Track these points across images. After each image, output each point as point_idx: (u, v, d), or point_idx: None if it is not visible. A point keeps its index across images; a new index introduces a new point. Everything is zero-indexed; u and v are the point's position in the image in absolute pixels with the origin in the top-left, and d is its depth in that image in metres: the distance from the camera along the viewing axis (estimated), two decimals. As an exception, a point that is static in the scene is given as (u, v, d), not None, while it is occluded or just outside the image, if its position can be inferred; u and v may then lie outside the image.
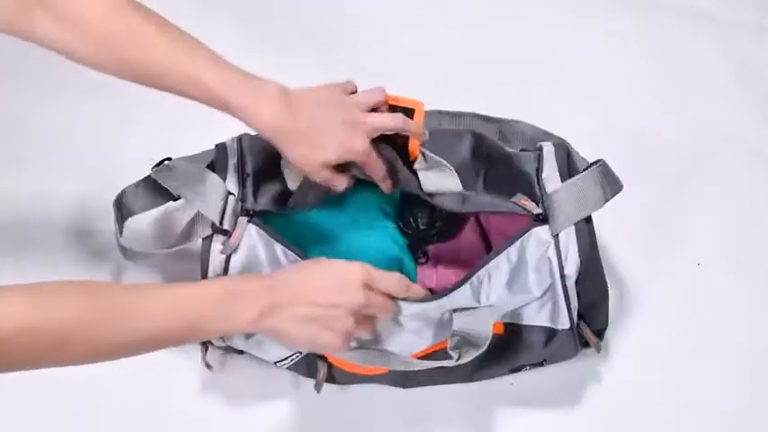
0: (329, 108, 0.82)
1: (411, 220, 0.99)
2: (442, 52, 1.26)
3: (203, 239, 0.87)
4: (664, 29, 1.30)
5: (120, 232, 0.94)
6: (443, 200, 0.87)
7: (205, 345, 0.91)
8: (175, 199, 0.95)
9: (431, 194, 0.88)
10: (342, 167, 0.85)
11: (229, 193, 0.88)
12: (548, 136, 0.99)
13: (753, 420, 0.94)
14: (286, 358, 0.88)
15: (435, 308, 0.83)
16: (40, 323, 0.64)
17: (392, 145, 0.87)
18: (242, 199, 0.88)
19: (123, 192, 0.95)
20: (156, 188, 0.93)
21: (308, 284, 0.77)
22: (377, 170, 0.85)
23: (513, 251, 0.83)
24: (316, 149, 0.81)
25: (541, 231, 0.83)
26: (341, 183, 0.85)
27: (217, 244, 0.86)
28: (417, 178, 0.88)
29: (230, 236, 0.86)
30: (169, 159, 0.94)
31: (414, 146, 0.86)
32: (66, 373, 0.70)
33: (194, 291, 0.74)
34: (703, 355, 0.98)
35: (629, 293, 1.01)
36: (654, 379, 0.96)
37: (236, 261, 0.85)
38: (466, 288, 0.83)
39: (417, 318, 0.84)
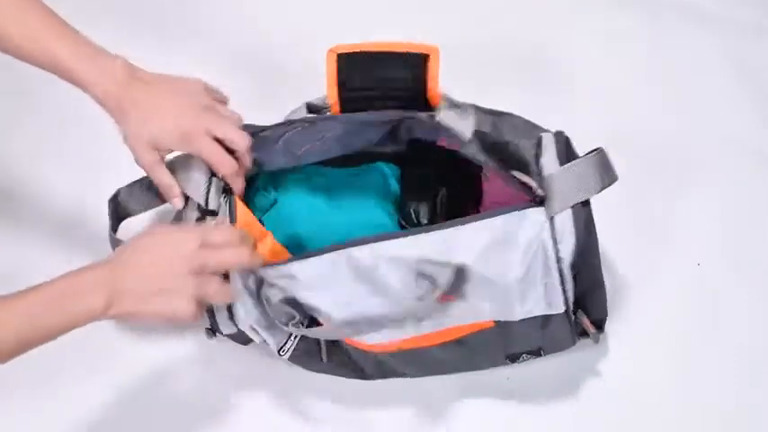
0: (179, 93, 0.84)
1: (412, 215, 0.99)
2: (442, 51, 1.25)
3: (195, 222, 0.86)
4: (664, 28, 1.29)
5: (115, 230, 0.93)
6: (451, 142, 0.85)
7: (213, 332, 0.90)
8: None
9: (443, 127, 0.86)
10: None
11: (213, 175, 0.87)
12: (537, 129, 0.99)
13: (753, 420, 0.94)
14: (285, 343, 0.87)
15: (408, 245, 0.80)
16: None
17: (411, 96, 0.84)
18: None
19: (118, 191, 0.94)
20: (150, 188, 0.92)
21: (146, 259, 0.77)
22: (222, 164, 0.84)
23: (498, 224, 0.81)
24: (146, 126, 0.82)
25: (536, 213, 0.81)
26: (161, 175, 0.85)
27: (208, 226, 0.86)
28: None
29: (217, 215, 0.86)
30: None
31: (433, 93, 0.84)
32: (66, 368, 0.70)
33: (36, 298, 0.74)
34: (703, 356, 0.98)
35: (629, 294, 1.01)
36: (653, 379, 0.96)
37: None
38: (437, 238, 0.80)
39: (395, 263, 0.81)
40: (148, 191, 0.93)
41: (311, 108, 0.91)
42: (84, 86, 0.83)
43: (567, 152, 0.87)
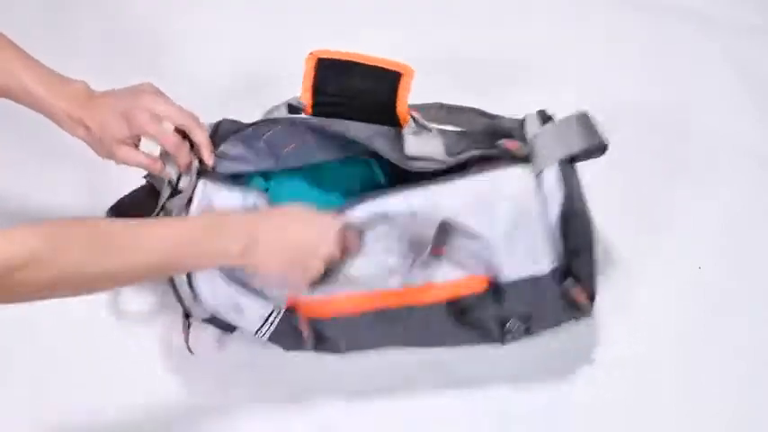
0: (126, 90, 0.90)
1: None
2: (443, 52, 1.26)
3: (165, 201, 0.89)
4: (665, 30, 1.29)
5: None
6: (425, 165, 0.86)
7: (188, 320, 0.91)
8: None
9: (412, 158, 0.87)
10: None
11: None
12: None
13: (755, 424, 0.93)
14: (263, 324, 0.88)
15: (395, 204, 0.84)
16: (45, 255, 0.68)
17: (380, 111, 0.85)
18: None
19: (121, 201, 0.95)
20: (152, 193, 0.93)
21: (291, 226, 0.82)
22: (164, 140, 0.89)
23: (484, 181, 0.83)
24: (102, 126, 0.88)
25: (521, 169, 0.82)
26: (135, 156, 0.90)
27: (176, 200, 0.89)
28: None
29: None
30: None
31: (402, 111, 0.85)
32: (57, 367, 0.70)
33: (182, 225, 0.80)
34: (705, 359, 0.97)
35: (630, 298, 1.00)
36: (654, 384, 0.95)
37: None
38: (423, 196, 0.83)
39: (381, 230, 0.84)
40: (151, 197, 0.94)
41: (291, 108, 0.92)
42: (47, 111, 0.88)
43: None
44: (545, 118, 0.89)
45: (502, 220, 0.82)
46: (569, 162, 0.84)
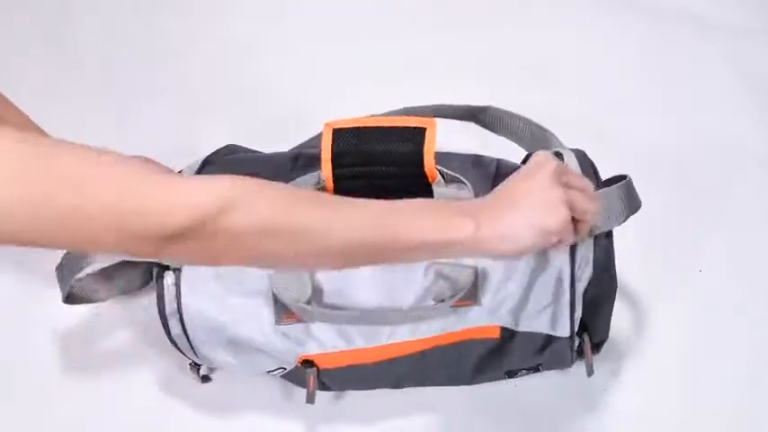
0: None
1: None
2: (443, 52, 1.26)
3: (157, 277, 0.85)
4: (666, 33, 1.29)
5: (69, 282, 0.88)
6: None
7: (196, 365, 0.90)
8: None
9: None
10: None
11: None
12: (527, 124, 0.98)
13: (755, 424, 0.93)
14: (274, 370, 0.87)
15: None
16: (280, 220, 0.64)
17: (406, 172, 0.83)
18: None
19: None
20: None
21: (510, 186, 0.74)
22: None
23: (533, 256, 0.82)
24: None
25: None
26: None
27: (168, 277, 0.84)
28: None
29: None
30: None
31: (430, 167, 0.82)
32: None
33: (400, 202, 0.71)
34: (706, 360, 0.97)
35: (629, 298, 1.00)
36: (653, 385, 0.95)
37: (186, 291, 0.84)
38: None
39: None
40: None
41: None
42: None
43: (595, 177, 0.87)
44: (586, 165, 0.87)
45: (531, 284, 0.83)
46: (606, 234, 0.83)
